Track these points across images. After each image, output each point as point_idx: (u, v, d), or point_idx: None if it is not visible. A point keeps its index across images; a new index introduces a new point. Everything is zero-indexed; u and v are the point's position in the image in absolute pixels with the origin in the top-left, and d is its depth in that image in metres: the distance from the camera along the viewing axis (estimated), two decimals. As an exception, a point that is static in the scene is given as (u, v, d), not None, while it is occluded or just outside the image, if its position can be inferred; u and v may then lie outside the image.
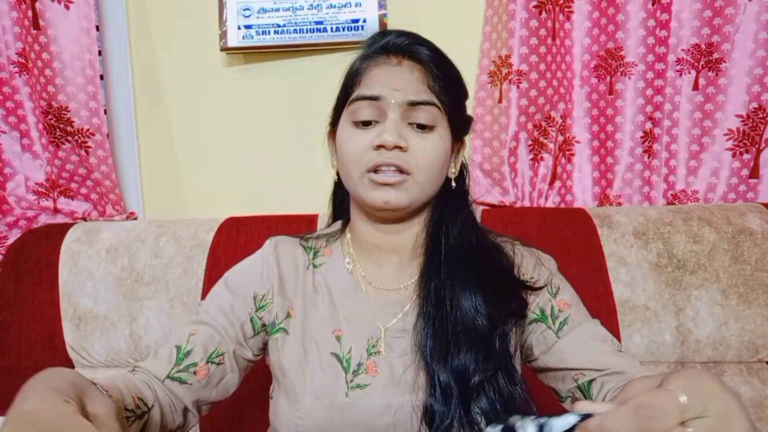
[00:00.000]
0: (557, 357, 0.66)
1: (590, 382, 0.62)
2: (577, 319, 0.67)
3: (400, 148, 0.60)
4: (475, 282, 0.65)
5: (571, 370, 0.64)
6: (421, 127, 0.62)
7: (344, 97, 0.66)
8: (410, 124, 0.62)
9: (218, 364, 0.65)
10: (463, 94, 0.68)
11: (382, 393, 0.63)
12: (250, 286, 0.70)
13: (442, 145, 0.63)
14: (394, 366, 0.64)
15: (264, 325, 0.70)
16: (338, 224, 0.76)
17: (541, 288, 0.67)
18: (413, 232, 0.68)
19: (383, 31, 0.66)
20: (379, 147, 0.60)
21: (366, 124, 0.62)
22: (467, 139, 0.71)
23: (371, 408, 0.62)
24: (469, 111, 0.78)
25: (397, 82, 0.61)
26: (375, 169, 0.61)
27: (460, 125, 0.67)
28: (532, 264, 0.70)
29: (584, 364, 0.63)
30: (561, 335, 0.66)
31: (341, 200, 0.75)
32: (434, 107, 0.62)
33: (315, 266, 0.72)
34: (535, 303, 0.68)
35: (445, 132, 0.64)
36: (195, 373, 0.63)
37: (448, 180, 0.68)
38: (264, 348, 0.71)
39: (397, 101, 0.60)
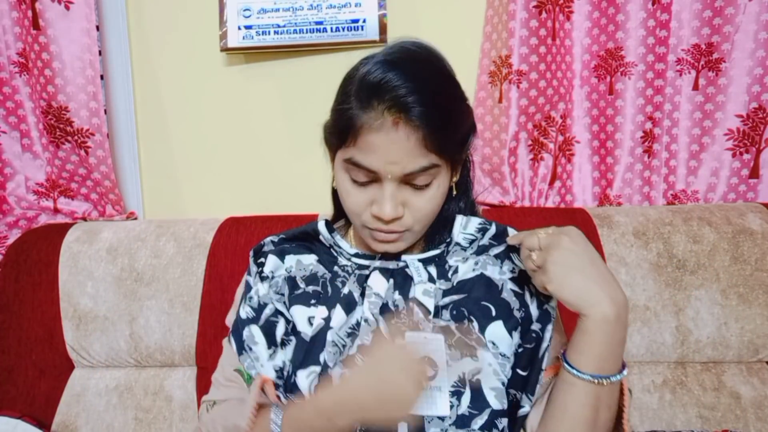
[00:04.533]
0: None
1: None
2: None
3: (397, 218, 0.61)
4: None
5: None
6: (418, 188, 0.61)
7: (339, 139, 0.61)
8: (407, 183, 0.60)
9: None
10: (463, 125, 0.63)
11: None
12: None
13: (440, 193, 0.62)
14: None
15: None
16: (341, 222, 0.77)
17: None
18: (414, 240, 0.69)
19: (380, 63, 0.58)
20: (377, 217, 0.61)
21: (363, 184, 0.61)
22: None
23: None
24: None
25: (394, 153, 0.57)
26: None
27: (461, 151, 0.64)
28: None
29: None
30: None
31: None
32: (432, 168, 0.59)
33: None
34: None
35: (444, 176, 0.62)
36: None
37: (449, 188, 0.67)
38: None
39: (393, 176, 0.59)
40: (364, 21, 1.12)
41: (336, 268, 0.70)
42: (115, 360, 1.04)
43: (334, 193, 0.75)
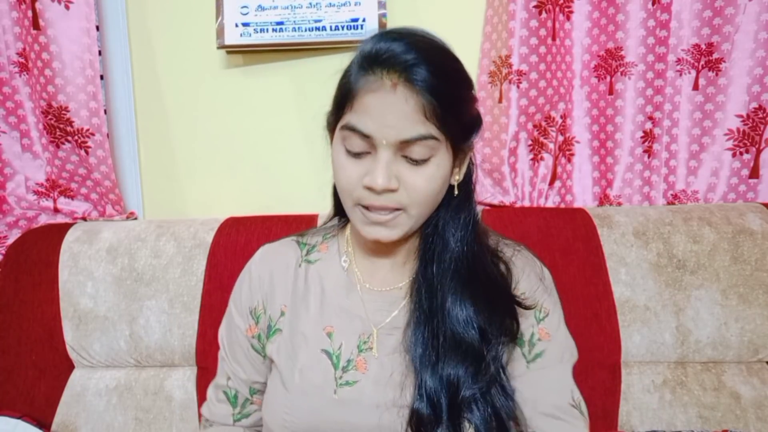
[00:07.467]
0: (518, 390, 0.64)
1: None
2: (552, 357, 0.65)
3: (390, 189, 0.58)
4: (467, 292, 0.63)
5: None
6: (415, 161, 0.58)
7: (338, 110, 0.61)
8: (404, 156, 0.58)
9: (262, 391, 0.73)
10: (467, 106, 0.60)
11: (370, 391, 0.63)
12: (245, 304, 0.73)
13: (439, 174, 0.59)
14: (384, 364, 0.64)
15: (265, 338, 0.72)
16: (335, 220, 0.76)
17: (529, 308, 0.65)
18: (410, 240, 0.68)
19: (383, 35, 0.57)
20: (369, 188, 0.58)
21: (357, 154, 0.59)
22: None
23: (359, 406, 0.63)
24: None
25: (390, 116, 0.55)
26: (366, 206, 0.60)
27: (463, 137, 0.61)
28: (534, 281, 0.68)
29: (529, 418, 0.63)
30: (531, 368, 0.65)
31: None
32: (430, 139, 0.56)
33: (309, 262, 0.72)
34: (523, 324, 0.66)
35: (444, 157, 0.59)
36: (253, 403, 0.74)
37: (450, 186, 0.64)
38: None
39: (388, 141, 0.56)
40: (364, 20, 1.12)
41: None
42: (115, 360, 1.04)
43: (335, 190, 0.73)
